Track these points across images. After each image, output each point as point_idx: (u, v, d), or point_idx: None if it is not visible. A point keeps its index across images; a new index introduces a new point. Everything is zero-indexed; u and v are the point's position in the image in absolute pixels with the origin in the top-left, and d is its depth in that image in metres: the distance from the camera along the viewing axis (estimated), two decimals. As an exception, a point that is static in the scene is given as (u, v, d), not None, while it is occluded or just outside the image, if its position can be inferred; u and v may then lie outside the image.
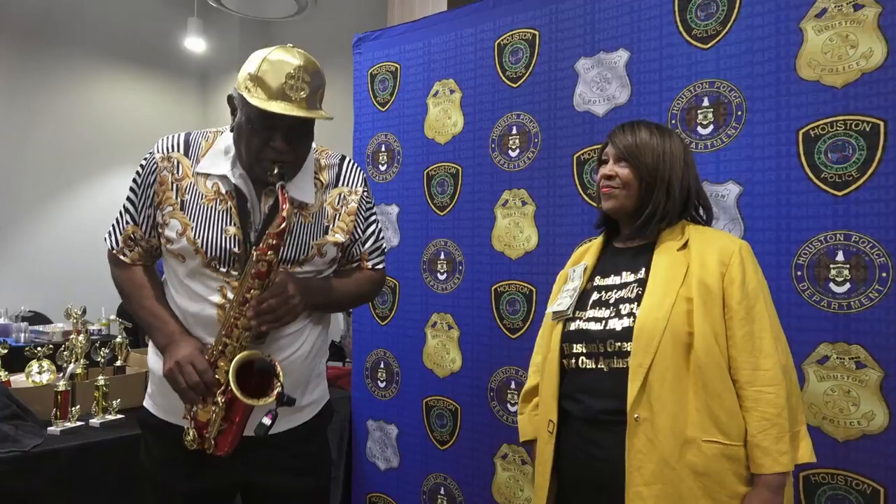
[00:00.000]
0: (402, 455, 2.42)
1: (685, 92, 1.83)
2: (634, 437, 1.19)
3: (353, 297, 1.54)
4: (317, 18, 4.47)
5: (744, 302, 1.21)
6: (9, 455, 1.72)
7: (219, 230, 1.33)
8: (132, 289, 1.42)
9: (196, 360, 1.29)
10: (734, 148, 1.75)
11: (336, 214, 1.43)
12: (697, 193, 1.37)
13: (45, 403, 1.97)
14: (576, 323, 1.33)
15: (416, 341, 2.38)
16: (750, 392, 1.18)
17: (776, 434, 1.16)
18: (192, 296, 1.37)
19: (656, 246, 1.31)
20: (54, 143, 5.34)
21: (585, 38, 2.02)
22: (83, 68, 5.55)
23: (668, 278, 1.24)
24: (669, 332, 1.19)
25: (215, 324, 1.33)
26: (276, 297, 1.27)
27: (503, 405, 2.17)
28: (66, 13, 5.37)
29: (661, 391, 1.18)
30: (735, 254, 1.24)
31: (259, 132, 1.27)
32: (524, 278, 2.13)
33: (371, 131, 2.53)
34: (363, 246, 1.50)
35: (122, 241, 1.42)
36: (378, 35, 2.53)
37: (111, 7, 5.60)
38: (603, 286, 1.34)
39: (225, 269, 1.33)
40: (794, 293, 1.65)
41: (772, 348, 1.19)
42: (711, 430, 1.17)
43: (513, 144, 2.17)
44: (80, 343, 2.15)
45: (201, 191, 1.36)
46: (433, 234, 2.35)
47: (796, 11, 1.66)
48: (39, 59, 5.30)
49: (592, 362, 1.29)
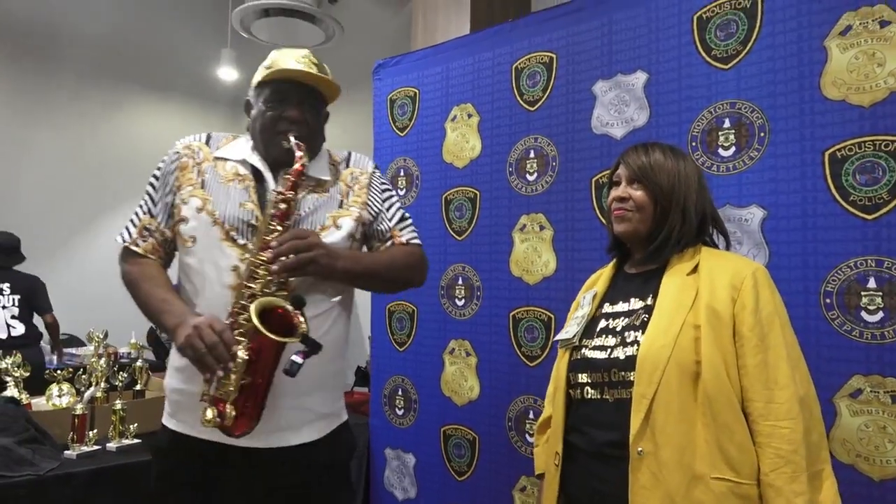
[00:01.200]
0: (419, 485, 2.37)
1: (705, 113, 1.78)
2: (638, 472, 1.12)
3: (387, 265, 1.45)
4: (343, 47, 4.55)
5: (756, 329, 1.13)
6: (24, 479, 1.73)
7: (236, 204, 1.37)
8: (142, 279, 1.38)
9: (213, 322, 1.23)
10: (757, 170, 1.68)
11: (349, 191, 1.47)
12: (713, 217, 1.31)
13: (63, 427, 1.99)
14: (582, 351, 1.28)
15: (434, 368, 2.35)
16: (763, 426, 1.10)
17: (791, 473, 1.07)
18: (203, 281, 1.35)
19: (666, 270, 1.25)
20: (96, 168, 5.53)
21: (602, 59, 1.99)
22: (122, 97, 5.75)
23: (676, 304, 1.18)
24: (675, 361, 1.13)
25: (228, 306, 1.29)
26: (297, 238, 1.27)
27: (521, 436, 2.11)
28: (112, 47, 5.59)
29: (666, 423, 1.12)
30: (748, 277, 1.17)
31: (273, 106, 1.38)
32: (542, 304, 2.09)
33: (390, 156, 2.53)
34: (390, 222, 1.49)
35: (137, 232, 1.42)
36: (398, 61, 2.55)
37: (151, 40, 5.80)
38: (611, 313, 1.29)
39: (243, 242, 1.33)
40: (824, 322, 1.56)
41: (788, 379, 1.11)
42: (721, 466, 1.09)
43: (530, 168, 2.14)
44: (99, 367, 2.17)
45: (220, 172, 1.41)
46: (451, 259, 2.32)
47: (819, 29, 1.60)
48: (85, 89, 5.52)
49: (597, 393, 1.23)
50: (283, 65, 1.39)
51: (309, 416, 1.38)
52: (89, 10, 5.49)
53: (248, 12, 4.13)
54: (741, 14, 1.73)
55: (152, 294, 1.36)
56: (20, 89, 5.24)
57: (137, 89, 5.83)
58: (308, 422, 1.38)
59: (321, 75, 1.39)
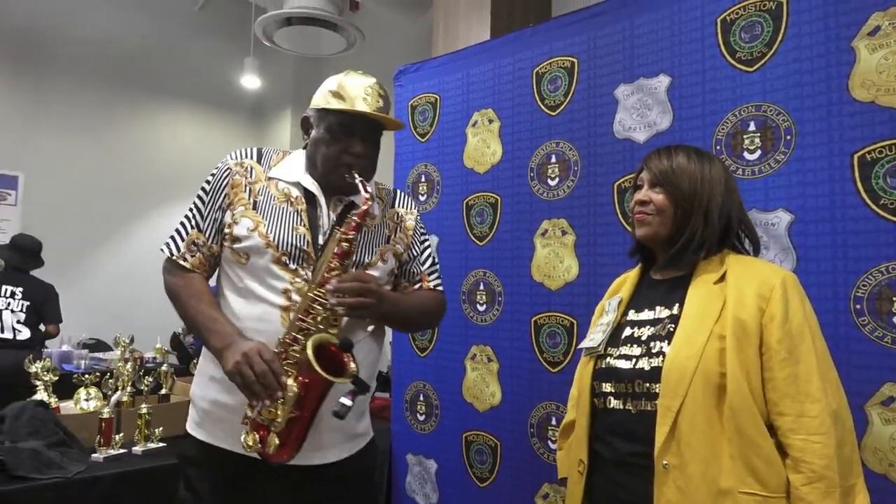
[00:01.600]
0: (441, 491, 2.36)
1: (730, 116, 1.75)
2: (664, 486, 1.11)
3: (418, 310, 1.51)
4: (365, 54, 4.59)
5: (785, 341, 1.10)
6: (52, 481, 1.76)
7: (289, 228, 1.37)
8: (190, 294, 1.38)
9: (263, 351, 1.23)
10: (784, 174, 1.66)
11: (396, 228, 1.51)
12: (740, 221, 1.28)
13: (90, 430, 2.02)
14: (606, 360, 1.26)
15: (455, 374, 2.34)
16: (794, 441, 1.08)
17: (824, 489, 1.05)
18: (253, 298, 1.35)
19: (692, 278, 1.23)
20: (122, 175, 5.62)
21: (625, 63, 1.97)
22: (146, 106, 5.86)
23: (702, 314, 1.16)
24: (700, 374, 1.11)
25: (278, 327, 1.31)
26: (359, 281, 1.29)
27: (544, 442, 2.09)
28: (137, 57, 5.71)
29: (692, 437, 1.10)
30: (776, 287, 1.13)
31: (339, 139, 1.37)
32: (564, 310, 2.07)
33: (411, 162, 2.54)
34: (422, 265, 1.54)
35: (185, 246, 1.41)
36: (418, 67, 2.56)
37: (175, 49, 5.91)
38: (636, 321, 1.27)
39: (294, 267, 1.34)
40: (854, 328, 1.53)
41: (820, 392, 1.08)
42: (748, 480, 1.07)
43: (552, 173, 2.13)
44: (126, 371, 2.20)
45: (273, 193, 1.41)
46: (472, 265, 2.32)
47: (847, 30, 1.57)
48: (113, 98, 5.63)
49: (620, 403, 1.21)
50: (353, 94, 1.36)
51: (342, 437, 1.40)
52: (115, 21, 5.61)
53: (271, 21, 4.18)
54: (766, 16, 1.71)
55: (200, 311, 1.35)
56: (46, 100, 5.36)
57: (161, 98, 5.93)
58: (340, 442, 1.40)
59: (390, 118, 1.39)
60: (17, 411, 1.95)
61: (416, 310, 1.50)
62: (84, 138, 5.50)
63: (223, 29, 6.03)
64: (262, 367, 1.21)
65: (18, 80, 5.25)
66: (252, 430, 1.25)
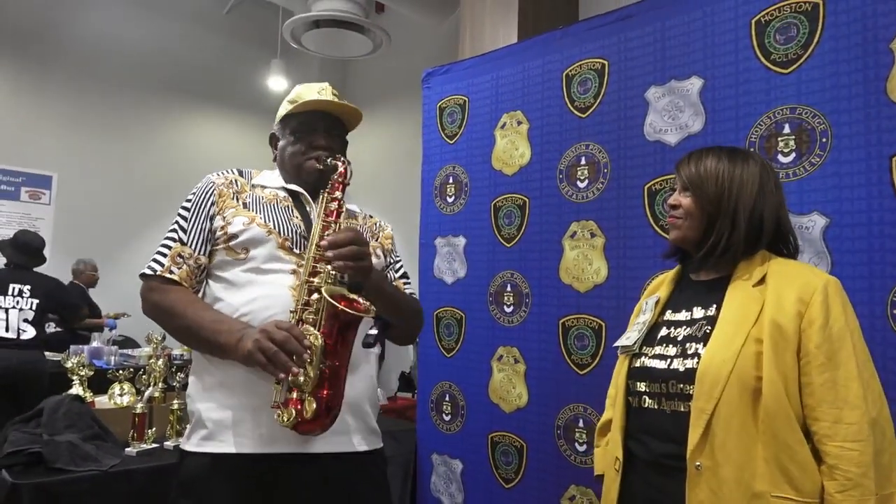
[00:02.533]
0: (466, 492, 2.37)
1: (764, 119, 1.74)
2: (697, 488, 1.10)
3: (401, 302, 1.49)
4: (390, 56, 4.62)
5: (824, 346, 1.09)
6: (89, 474, 1.80)
7: (285, 218, 1.40)
8: (185, 304, 1.32)
9: (279, 323, 1.21)
10: (818, 177, 1.64)
11: (377, 234, 1.57)
12: (778, 222, 1.25)
13: (124, 425, 2.06)
14: (641, 359, 1.26)
15: (481, 374, 2.34)
16: (830, 448, 1.06)
17: (859, 496, 1.03)
18: (260, 284, 1.33)
19: (731, 280, 1.22)
20: (152, 176, 5.73)
21: (656, 65, 1.97)
22: (179, 108, 5.96)
23: (740, 317, 1.15)
24: (736, 377, 1.10)
25: (288, 301, 1.29)
26: (352, 232, 1.31)
27: (570, 444, 2.09)
28: (165, 60, 5.80)
29: (726, 439, 1.09)
30: (818, 291, 1.12)
31: (302, 137, 1.43)
32: (593, 312, 2.07)
33: (439, 164, 2.55)
34: (396, 273, 1.58)
35: (169, 261, 1.36)
36: (447, 69, 2.57)
37: (202, 52, 6.00)
38: (672, 321, 1.27)
39: (299, 251, 1.36)
40: (891, 333, 1.51)
41: (859, 399, 1.07)
42: (782, 484, 1.06)
43: (581, 175, 2.13)
44: (158, 367, 2.24)
45: (260, 195, 1.44)
46: (500, 266, 2.32)
47: (885, 32, 1.55)
48: (143, 100, 5.74)
49: (655, 403, 1.21)
50: (307, 96, 1.45)
51: (364, 425, 1.40)
52: (146, 26, 5.71)
53: (298, 24, 4.23)
54: (802, 17, 1.69)
55: (201, 317, 1.30)
56: (80, 102, 5.48)
57: (190, 100, 6.03)
58: (363, 431, 1.39)
59: (345, 103, 1.45)
60: (54, 405, 2.00)
61: (399, 298, 1.49)
62: (116, 140, 5.61)
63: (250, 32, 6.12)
64: (282, 335, 1.17)
65: (53, 83, 5.37)
66: (284, 407, 1.20)
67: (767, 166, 1.28)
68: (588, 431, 2.03)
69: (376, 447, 1.44)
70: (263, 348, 1.17)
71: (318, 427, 1.22)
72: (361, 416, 1.39)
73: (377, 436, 1.46)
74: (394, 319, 1.40)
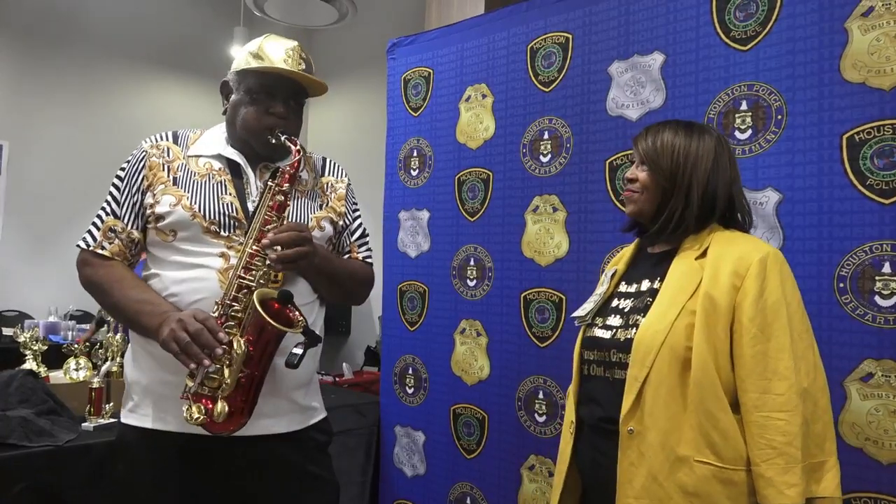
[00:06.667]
0: (428, 462, 2.40)
1: (722, 95, 1.76)
2: (627, 450, 1.17)
3: (347, 273, 1.48)
4: (356, 26, 4.54)
5: (757, 319, 1.12)
6: (44, 449, 1.77)
7: (214, 198, 1.34)
8: (113, 281, 1.32)
9: (196, 313, 1.20)
10: (773, 153, 1.67)
11: (327, 198, 1.49)
12: (731, 198, 1.28)
13: (80, 400, 2.03)
14: (592, 330, 1.31)
15: (444, 348, 2.36)
16: (756, 417, 1.10)
17: (783, 464, 1.07)
18: (188, 266, 1.31)
19: (677, 253, 1.25)
20: (109, 147, 5.53)
21: (620, 40, 1.97)
22: (139, 76, 5.77)
23: (678, 289, 1.19)
24: (667, 347, 1.15)
25: (216, 288, 1.28)
26: (295, 230, 1.27)
27: (531, 415, 2.13)
28: (125, 28, 5.60)
29: (655, 406, 1.15)
30: (754, 265, 1.14)
31: (259, 100, 1.35)
32: (554, 286, 2.09)
33: (403, 136, 2.53)
34: (352, 236, 1.53)
35: (101, 234, 1.36)
36: (412, 40, 2.53)
37: (163, 19, 5.81)
38: (623, 293, 1.31)
39: (226, 234, 1.32)
40: (837, 306, 1.56)
41: (789, 370, 1.10)
42: (704, 450, 1.12)
43: (544, 150, 2.13)
44: (115, 342, 2.20)
45: (193, 169, 1.37)
46: (463, 240, 2.33)
47: (841, 10, 1.58)
48: (101, 67, 5.54)
49: (601, 370, 1.27)
50: (273, 56, 1.34)
51: (289, 406, 1.37)
52: (102, -12, 5.49)
53: (261, -10, 4.11)
54: (761, -5, 1.71)
55: (127, 296, 1.30)
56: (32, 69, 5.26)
57: (150, 67, 5.84)
58: (290, 412, 1.37)
59: (312, 77, 1.37)
60: (5, 380, 1.95)
61: (345, 271, 1.47)
62: (71, 107, 5.41)
63: (212, -2, 5.94)
64: (196, 327, 1.17)
65: (2, 46, 5.14)
66: (195, 402, 1.19)
67: (723, 140, 1.30)
68: (548, 403, 2.07)
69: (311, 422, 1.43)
70: (177, 338, 1.17)
71: (224, 430, 1.21)
72: (293, 399, 1.38)
73: (313, 411, 1.45)
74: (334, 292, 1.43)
